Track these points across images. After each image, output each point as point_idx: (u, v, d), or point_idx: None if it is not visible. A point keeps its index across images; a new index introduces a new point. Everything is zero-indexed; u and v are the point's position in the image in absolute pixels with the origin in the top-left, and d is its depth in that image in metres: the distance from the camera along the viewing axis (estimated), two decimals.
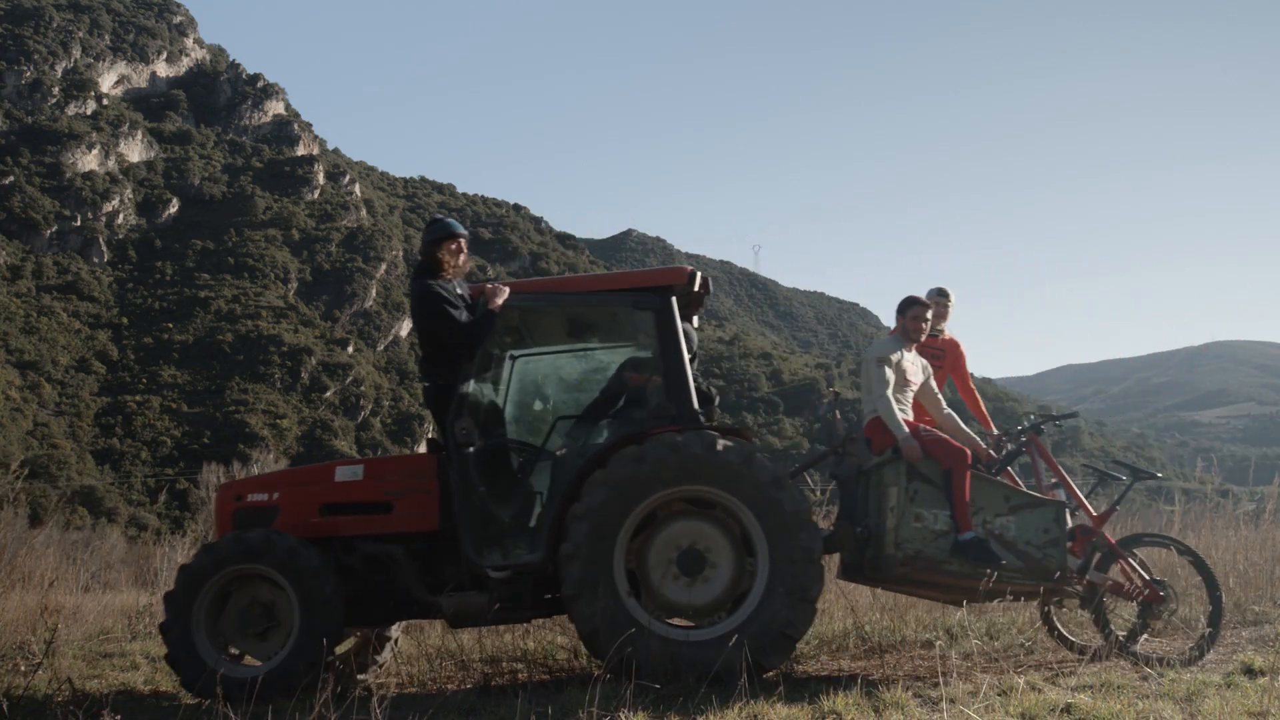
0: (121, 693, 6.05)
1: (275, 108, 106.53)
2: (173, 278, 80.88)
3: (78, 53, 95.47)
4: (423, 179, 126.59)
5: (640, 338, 6.05)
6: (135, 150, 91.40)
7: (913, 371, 6.07)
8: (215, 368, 70.72)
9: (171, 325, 75.03)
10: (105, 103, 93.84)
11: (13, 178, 79.81)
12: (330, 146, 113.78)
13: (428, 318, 5.66)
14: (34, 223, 78.81)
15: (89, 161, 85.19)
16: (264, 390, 68.53)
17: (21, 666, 6.77)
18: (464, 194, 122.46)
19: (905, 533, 5.50)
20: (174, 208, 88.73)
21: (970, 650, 6.11)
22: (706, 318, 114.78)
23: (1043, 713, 4.43)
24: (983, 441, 6.35)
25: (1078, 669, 5.48)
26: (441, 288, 5.66)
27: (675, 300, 5.76)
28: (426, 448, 5.82)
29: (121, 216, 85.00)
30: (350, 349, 75.95)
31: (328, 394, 70.24)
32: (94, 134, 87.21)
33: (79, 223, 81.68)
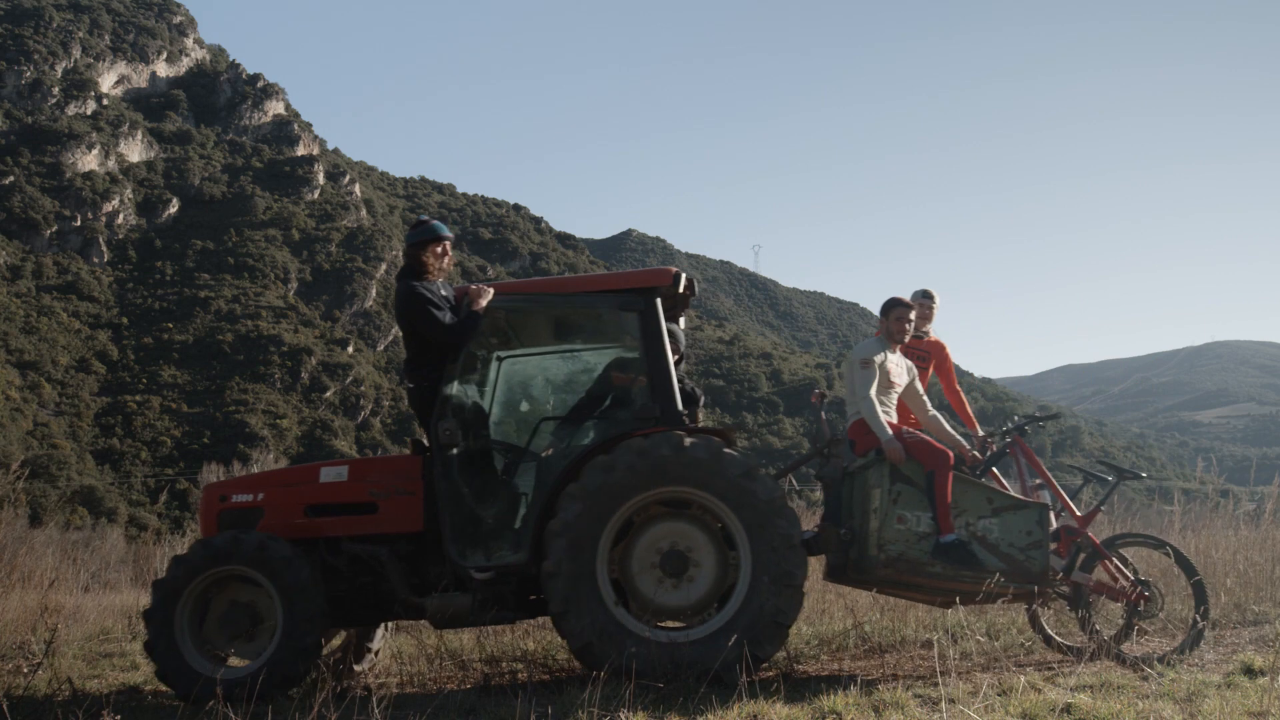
0: (121, 693, 6.05)
1: (275, 108, 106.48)
2: (173, 278, 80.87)
3: (78, 53, 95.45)
4: (423, 179, 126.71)
5: (626, 339, 6.05)
6: (135, 150, 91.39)
7: (897, 373, 6.07)
8: (215, 368, 70.70)
9: (171, 325, 75.00)
10: (105, 103, 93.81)
11: (13, 178, 79.79)
12: (330, 146, 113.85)
13: (412, 319, 5.67)
14: (34, 223, 78.79)
15: (89, 161, 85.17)
16: (264, 390, 68.51)
17: (23, 667, 6.78)
18: (464, 194, 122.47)
19: (888, 534, 5.51)
20: (174, 208, 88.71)
21: (970, 650, 6.12)
22: (706, 318, 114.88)
23: (1043, 713, 4.43)
24: (967, 443, 6.36)
25: (1077, 669, 5.48)
26: (426, 289, 5.68)
27: (660, 301, 5.75)
28: (411, 449, 5.83)
29: (121, 216, 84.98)
30: (350, 349, 75.94)
31: (328, 394, 70.22)
32: (94, 134, 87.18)
33: (79, 223, 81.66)
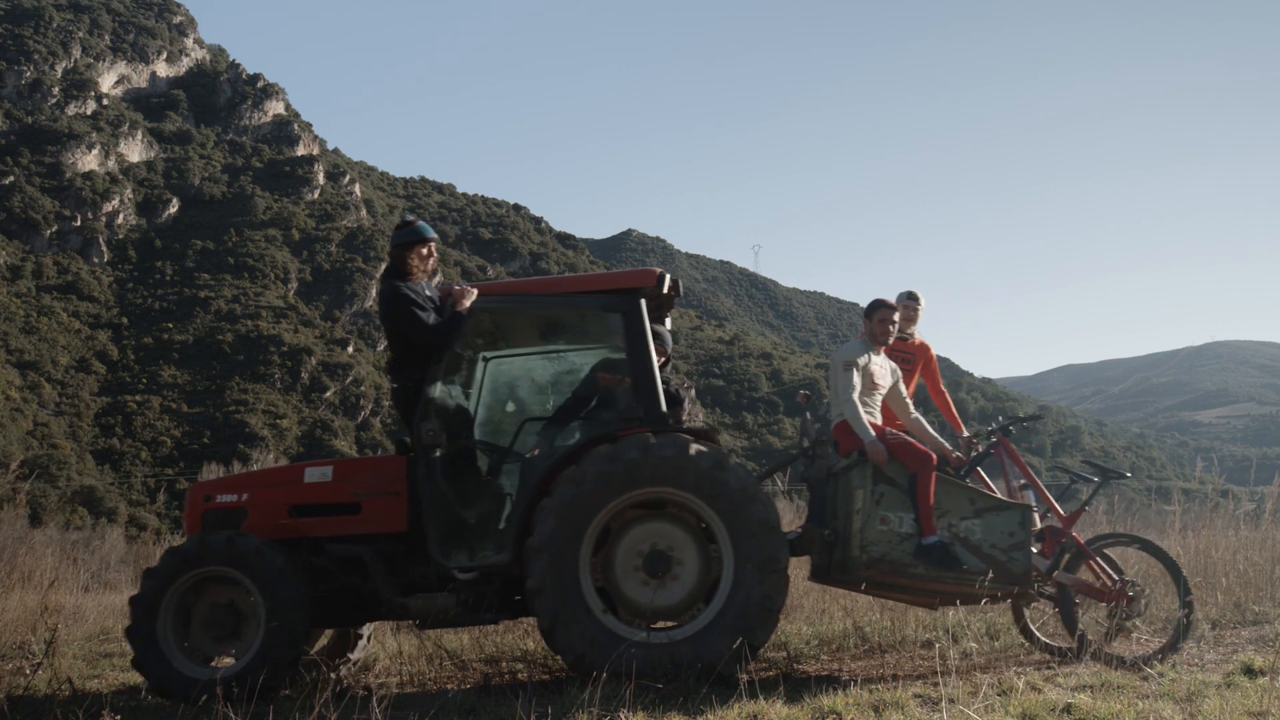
0: (121, 693, 6.04)
1: (275, 108, 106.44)
2: (173, 278, 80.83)
3: (78, 53, 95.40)
4: (423, 179, 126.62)
5: (611, 339, 6.05)
6: (135, 150, 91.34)
7: (880, 374, 6.07)
8: (215, 368, 70.67)
9: (171, 325, 74.96)
10: (105, 103, 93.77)
11: (13, 178, 79.75)
12: (330, 146, 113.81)
13: (396, 319, 5.69)
14: (34, 223, 78.74)
15: (89, 161, 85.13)
16: (264, 390, 68.48)
17: (23, 667, 6.78)
18: (464, 194, 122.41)
19: (870, 536, 5.51)
20: (174, 208, 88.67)
21: (970, 650, 6.12)
22: (706, 318, 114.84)
23: (1043, 713, 4.43)
24: (952, 444, 6.37)
25: (1077, 669, 5.48)
26: (410, 289, 5.70)
27: (644, 302, 5.75)
28: (395, 449, 5.83)
29: (121, 216, 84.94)
30: (350, 349, 75.91)
31: (328, 394, 70.19)
32: (94, 134, 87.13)
33: (79, 223, 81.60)
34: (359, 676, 6.51)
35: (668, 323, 6.51)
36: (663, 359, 6.16)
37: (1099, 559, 6.03)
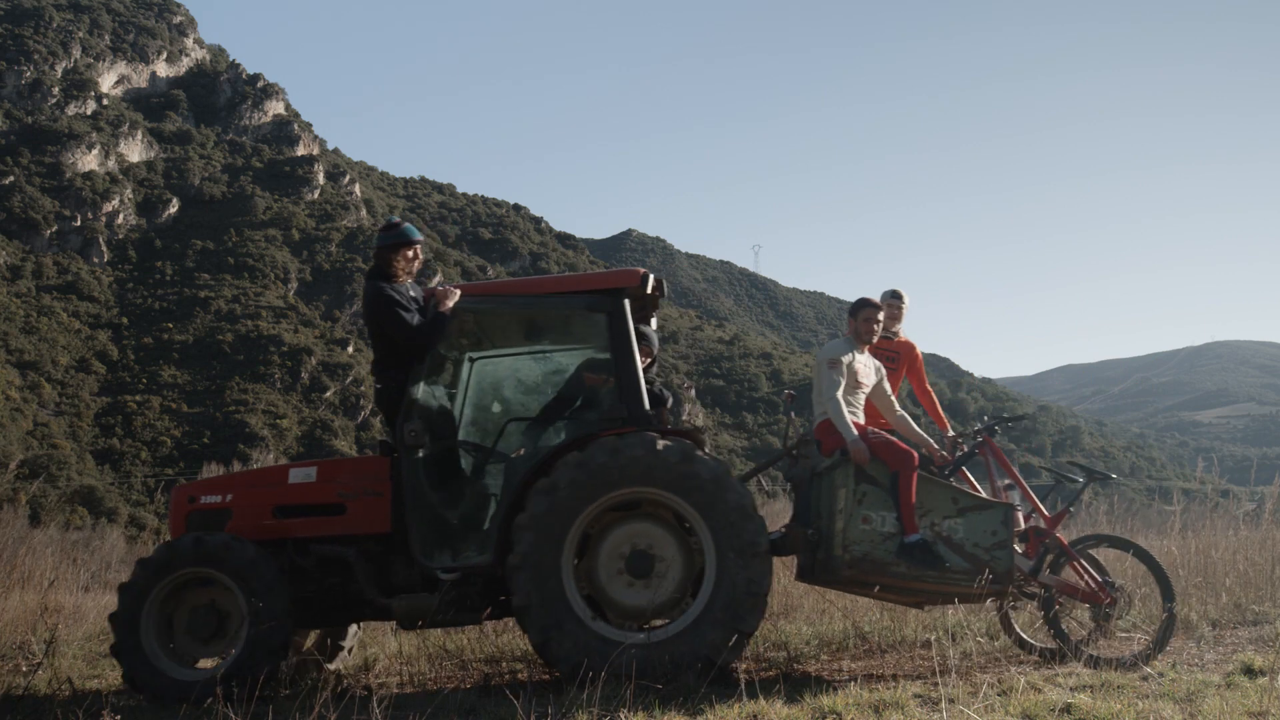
0: (121, 693, 6.04)
1: (275, 108, 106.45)
2: (173, 278, 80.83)
3: (78, 53, 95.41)
4: (423, 179, 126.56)
5: (596, 340, 6.06)
6: (135, 150, 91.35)
7: (864, 373, 6.07)
8: (215, 368, 70.67)
9: (171, 325, 74.96)
10: (105, 103, 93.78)
11: (13, 178, 79.75)
12: (330, 146, 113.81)
13: (379, 320, 5.70)
14: (34, 223, 78.75)
15: (89, 161, 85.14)
16: (264, 390, 68.48)
17: (22, 666, 6.79)
18: (464, 194, 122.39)
19: (852, 535, 5.50)
20: (174, 208, 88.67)
21: (970, 650, 6.12)
22: (706, 318, 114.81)
23: (1043, 713, 4.43)
24: (937, 443, 6.37)
25: (1077, 669, 5.48)
26: (394, 290, 5.71)
27: (627, 303, 5.75)
28: (378, 450, 5.83)
29: (121, 216, 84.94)
30: (350, 349, 75.89)
31: (328, 394, 70.19)
32: (94, 134, 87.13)
33: (79, 223, 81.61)
34: (359, 676, 6.51)
35: (653, 323, 6.53)
36: (648, 359, 6.19)
37: (1083, 560, 6.03)
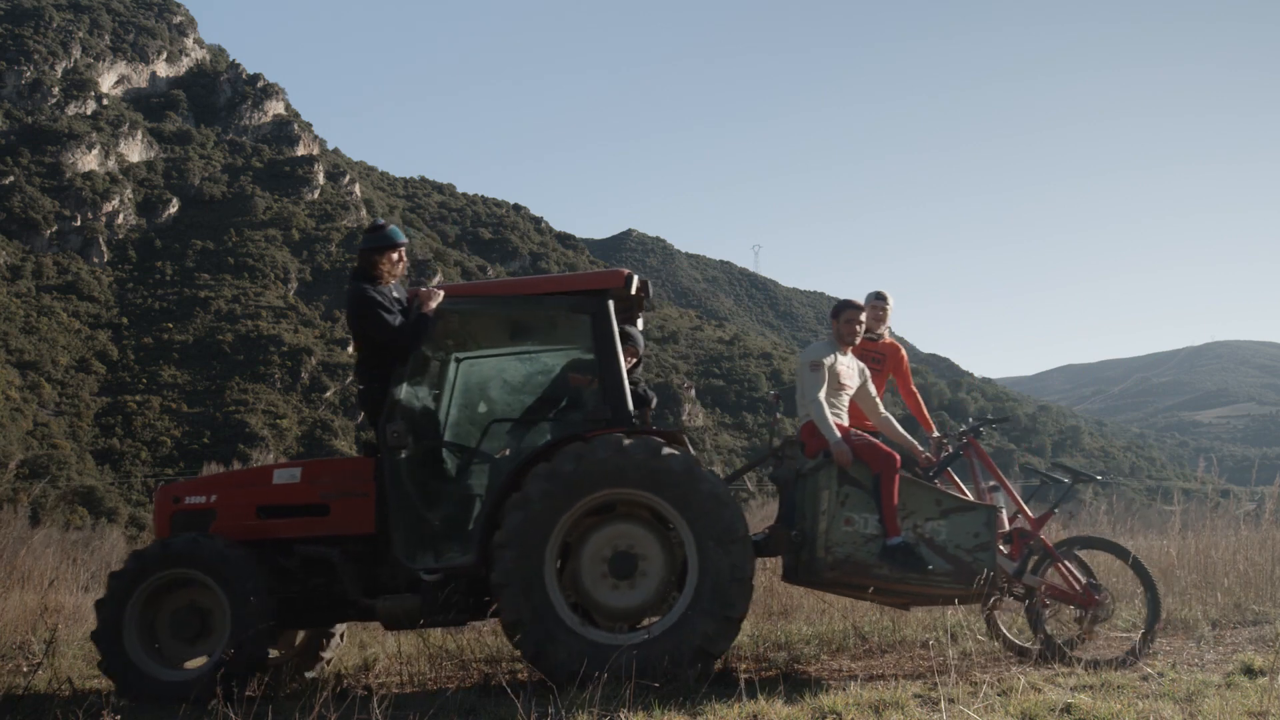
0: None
1: (275, 108, 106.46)
2: (173, 278, 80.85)
3: (78, 53, 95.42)
4: (423, 179, 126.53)
5: (581, 340, 6.06)
6: (135, 150, 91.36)
7: (847, 375, 6.07)
8: (215, 368, 70.69)
9: (171, 325, 74.98)
10: (105, 103, 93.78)
11: (13, 178, 79.77)
12: (330, 146, 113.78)
13: (362, 321, 5.70)
14: (34, 223, 78.76)
15: (89, 161, 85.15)
16: (264, 390, 68.50)
17: (22, 666, 6.79)
18: (464, 194, 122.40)
19: (835, 537, 5.50)
20: (174, 208, 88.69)
21: (970, 650, 6.12)
22: (706, 318, 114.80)
23: (1043, 713, 4.43)
24: (922, 445, 6.37)
25: (1078, 669, 5.48)
26: (376, 292, 5.72)
27: (611, 304, 5.75)
28: (363, 451, 5.83)
29: (121, 216, 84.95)
30: (350, 349, 75.87)
31: (328, 394, 70.21)
32: (94, 134, 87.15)
33: (79, 223, 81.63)
34: (359, 676, 6.52)
35: (639, 324, 6.54)
36: (634, 360, 6.20)
37: (1068, 562, 6.03)
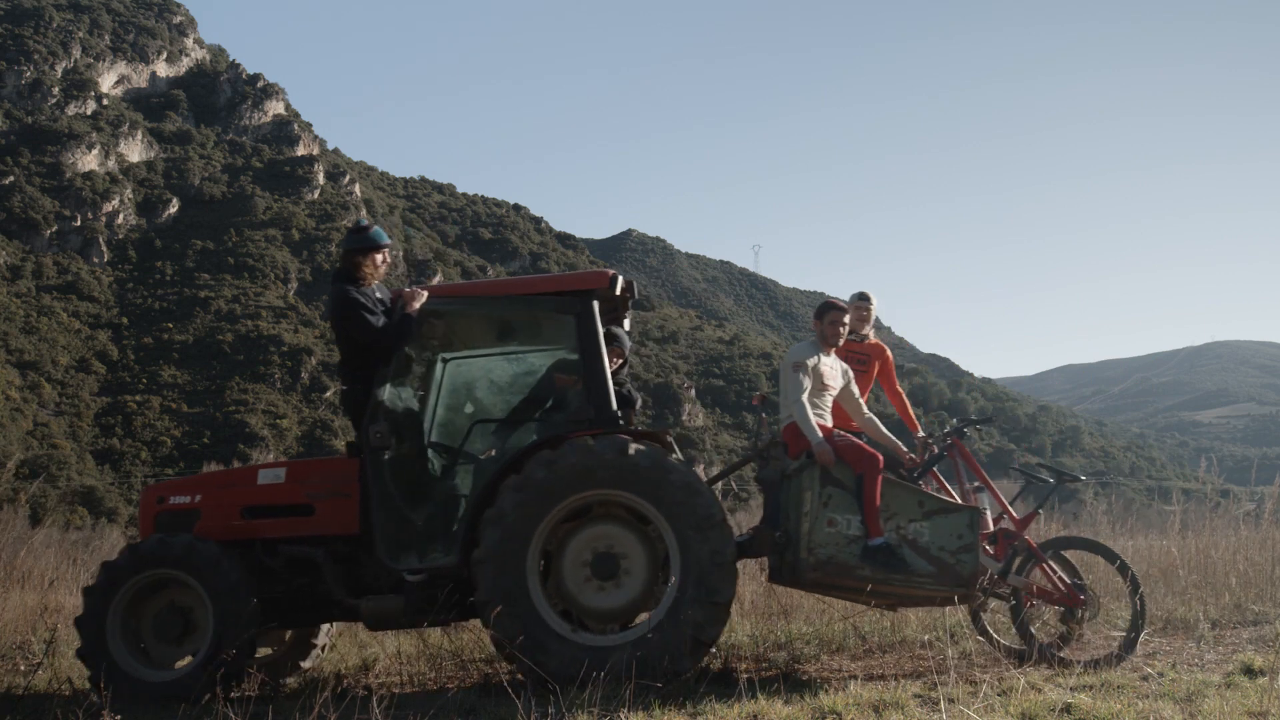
0: None
1: (275, 108, 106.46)
2: (173, 278, 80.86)
3: (78, 53, 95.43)
4: (423, 179, 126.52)
5: (566, 341, 6.06)
6: (135, 150, 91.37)
7: (831, 376, 6.07)
8: (215, 368, 70.70)
9: (171, 325, 74.99)
10: (105, 103, 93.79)
11: (13, 178, 79.78)
12: (330, 146, 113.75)
13: (344, 322, 5.70)
14: (34, 223, 78.77)
15: (89, 161, 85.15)
16: (264, 390, 68.51)
17: (21, 666, 6.79)
18: (464, 194, 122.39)
19: (818, 538, 5.50)
20: (174, 208, 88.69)
21: (970, 650, 6.12)
22: (706, 318, 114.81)
23: (1043, 713, 4.43)
24: (908, 446, 6.37)
25: (1077, 669, 5.48)
26: (359, 293, 5.73)
27: (596, 304, 5.75)
28: (346, 451, 5.83)
29: (121, 216, 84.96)
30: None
31: (328, 394, 70.21)
32: (94, 134, 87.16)
33: (79, 223, 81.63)
34: (359, 676, 6.52)
35: (626, 324, 6.54)
36: (620, 361, 6.20)
37: (1053, 562, 6.03)
